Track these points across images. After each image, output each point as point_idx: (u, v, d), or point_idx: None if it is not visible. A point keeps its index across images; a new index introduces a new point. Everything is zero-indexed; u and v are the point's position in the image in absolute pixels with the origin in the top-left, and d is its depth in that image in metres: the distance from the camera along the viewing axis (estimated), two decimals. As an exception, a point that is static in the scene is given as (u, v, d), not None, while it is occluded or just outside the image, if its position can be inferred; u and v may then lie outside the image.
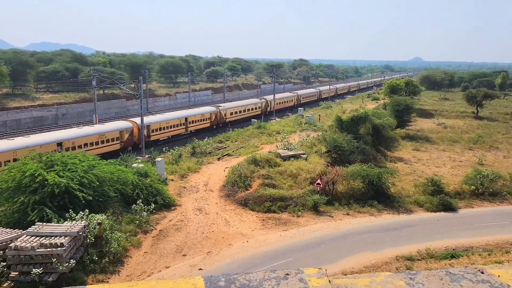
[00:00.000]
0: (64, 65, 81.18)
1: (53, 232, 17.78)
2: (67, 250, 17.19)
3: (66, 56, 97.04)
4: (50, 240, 17.18)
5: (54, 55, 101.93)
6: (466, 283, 2.65)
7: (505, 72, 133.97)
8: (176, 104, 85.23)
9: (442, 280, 2.66)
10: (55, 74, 75.38)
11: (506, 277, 2.74)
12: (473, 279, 2.70)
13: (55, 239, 17.32)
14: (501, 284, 2.64)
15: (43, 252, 16.76)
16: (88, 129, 41.66)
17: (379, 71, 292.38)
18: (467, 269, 2.86)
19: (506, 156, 46.62)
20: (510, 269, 2.87)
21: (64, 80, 73.12)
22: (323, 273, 2.55)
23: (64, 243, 17.02)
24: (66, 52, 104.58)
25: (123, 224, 22.80)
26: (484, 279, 2.71)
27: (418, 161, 43.26)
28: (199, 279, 2.48)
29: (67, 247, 17.16)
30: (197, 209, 26.90)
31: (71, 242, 17.71)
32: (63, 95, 70.67)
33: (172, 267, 20.06)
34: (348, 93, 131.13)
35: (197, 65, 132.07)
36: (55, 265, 16.51)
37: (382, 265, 21.34)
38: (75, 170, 22.90)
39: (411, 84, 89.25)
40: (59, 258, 16.72)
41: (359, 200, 30.16)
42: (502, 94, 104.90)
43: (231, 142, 48.01)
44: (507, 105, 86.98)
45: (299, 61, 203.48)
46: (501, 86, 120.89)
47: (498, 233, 25.95)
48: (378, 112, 53.81)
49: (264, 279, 2.44)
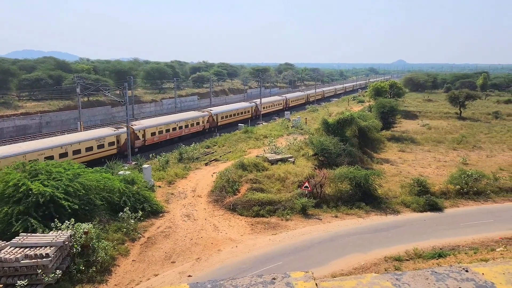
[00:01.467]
0: (47, 72, 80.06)
1: (38, 243, 17.46)
2: (53, 261, 16.89)
3: (49, 63, 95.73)
4: (35, 251, 16.87)
5: (37, 62, 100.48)
6: (451, 282, 2.68)
7: (485, 73, 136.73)
8: (162, 110, 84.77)
9: (428, 280, 2.69)
10: (38, 82, 74.28)
11: (490, 275, 2.78)
12: (458, 278, 2.73)
13: (40, 249, 17.01)
14: (485, 281, 2.68)
15: (28, 264, 16.45)
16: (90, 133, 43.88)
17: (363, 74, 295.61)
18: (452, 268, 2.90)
19: (489, 155, 47.42)
20: (494, 267, 2.91)
21: (48, 88, 72.12)
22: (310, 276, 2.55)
23: (50, 253, 16.73)
24: (49, 60, 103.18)
25: (110, 233, 22.51)
26: (468, 277, 2.74)
27: (404, 162, 43.72)
28: (185, 286, 2.46)
29: (53, 257, 16.87)
30: (185, 215, 26.72)
31: (57, 252, 17.42)
32: (46, 103, 69.69)
33: (161, 274, 19.85)
34: (335, 95, 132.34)
35: (182, 71, 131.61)
36: (41, 276, 16.22)
37: (371, 266, 21.45)
38: (60, 179, 22.57)
39: (395, 86, 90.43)
40: (44, 269, 16.42)
41: (347, 202, 30.33)
42: (484, 95, 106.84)
43: (219, 147, 47.90)
44: (488, 105, 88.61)
45: (284, 65, 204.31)
46: (482, 87, 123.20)
47: (483, 232, 26.33)
48: (364, 115, 54.32)
49: (251, 284, 2.44)
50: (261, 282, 2.45)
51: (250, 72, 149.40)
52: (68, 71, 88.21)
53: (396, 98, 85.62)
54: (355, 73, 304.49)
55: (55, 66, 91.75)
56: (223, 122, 65.48)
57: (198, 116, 59.81)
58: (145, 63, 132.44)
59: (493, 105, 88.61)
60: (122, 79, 79.04)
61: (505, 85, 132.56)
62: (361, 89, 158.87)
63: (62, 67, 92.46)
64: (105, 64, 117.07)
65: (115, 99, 55.34)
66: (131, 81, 74.94)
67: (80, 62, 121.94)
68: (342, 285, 2.52)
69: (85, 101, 71.96)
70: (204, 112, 62.03)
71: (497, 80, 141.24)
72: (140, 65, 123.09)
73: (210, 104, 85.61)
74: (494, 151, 49.46)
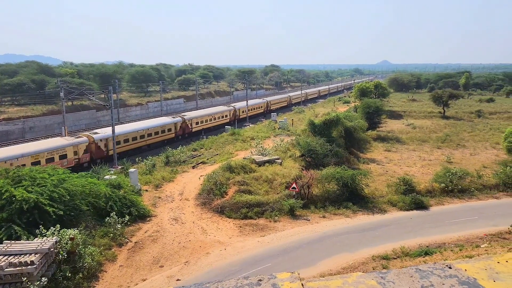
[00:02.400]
0: (30, 77, 78.82)
1: (22, 250, 17.14)
2: (38, 268, 16.61)
3: (32, 67, 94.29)
4: (19, 259, 16.56)
5: (19, 67, 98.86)
6: (435, 278, 2.72)
7: (468, 73, 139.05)
8: (148, 113, 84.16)
9: (412, 278, 2.73)
10: (20, 86, 73.08)
11: (472, 271, 2.83)
12: (442, 275, 2.77)
13: (25, 257, 16.71)
14: (468, 277, 2.73)
15: (12, 272, 16.14)
16: None
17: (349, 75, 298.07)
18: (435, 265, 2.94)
19: (472, 153, 48.22)
20: (476, 263, 2.97)
21: (30, 92, 70.99)
22: (296, 277, 2.56)
23: (35, 260, 16.45)
24: (32, 64, 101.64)
25: (96, 238, 22.24)
26: (452, 274, 2.79)
27: (389, 162, 44.18)
28: (171, 290, 2.45)
29: (38, 264, 16.59)
30: (173, 219, 26.55)
31: (42, 259, 17.13)
32: (29, 107, 68.56)
33: (149, 279, 19.68)
34: (319, 97, 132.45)
35: (168, 74, 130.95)
36: (26, 284, 15.93)
37: (359, 265, 21.60)
38: (44, 185, 22.22)
39: (380, 86, 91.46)
40: (29, 276, 16.13)
41: (334, 202, 30.52)
42: (466, 94, 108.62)
43: (206, 149, 47.74)
44: (471, 104, 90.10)
45: (270, 67, 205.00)
46: (465, 86, 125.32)
47: (468, 229, 26.76)
48: (350, 115, 54.76)
49: (237, 286, 2.43)
50: (247, 284, 2.46)
51: (236, 74, 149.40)
52: (52, 75, 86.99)
53: (381, 98, 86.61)
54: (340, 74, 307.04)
55: (38, 70, 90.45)
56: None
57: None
58: (130, 66, 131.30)
59: (476, 104, 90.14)
60: (106, 82, 78.33)
61: (487, 84, 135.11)
62: (347, 90, 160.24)
63: (45, 71, 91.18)
64: (89, 67, 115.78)
65: (100, 103, 54.76)
66: (116, 84, 74.22)
67: (64, 66, 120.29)
68: (328, 285, 2.54)
69: (69, 105, 71.03)
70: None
71: (479, 79, 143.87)
72: (125, 68, 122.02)
73: (196, 107, 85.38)
74: (478, 149, 50.32)
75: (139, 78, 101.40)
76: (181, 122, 57.63)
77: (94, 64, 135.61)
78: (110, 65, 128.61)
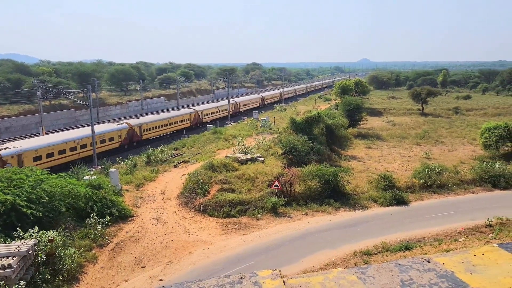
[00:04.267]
0: (5, 75, 76.85)
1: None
2: (16, 271, 16.22)
3: (7, 66, 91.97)
4: (-4, 262, 16.13)
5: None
6: (414, 272, 2.77)
7: (445, 70, 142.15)
8: (128, 112, 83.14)
9: (392, 272, 2.76)
10: (-5, 85, 71.24)
11: (450, 264, 2.89)
12: (420, 269, 2.82)
13: (2, 260, 16.30)
14: (445, 271, 2.78)
15: (-11, 275, 15.71)
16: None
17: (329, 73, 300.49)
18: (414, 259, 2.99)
19: (450, 149, 49.25)
20: (454, 256, 3.03)
21: (6, 91, 69.18)
22: (277, 274, 2.57)
23: (12, 264, 16.05)
24: (7, 62, 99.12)
25: (76, 240, 21.87)
26: (430, 267, 2.84)
27: (370, 158, 44.75)
28: (151, 290, 2.42)
29: (16, 267, 16.20)
30: (154, 219, 26.31)
31: (20, 262, 16.73)
32: (5, 107, 66.79)
33: (131, 280, 19.46)
34: (296, 96, 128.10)
35: (148, 72, 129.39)
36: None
37: (341, 261, 21.83)
38: (21, 186, 21.74)
39: (360, 84, 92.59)
40: (7, 280, 15.74)
41: (316, 199, 30.75)
42: (444, 91, 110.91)
43: (187, 148, 47.46)
44: (449, 101, 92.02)
45: (252, 65, 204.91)
46: (443, 83, 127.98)
47: (446, 223, 27.34)
48: (331, 113, 55.25)
49: (218, 285, 2.42)
50: (228, 282, 2.45)
51: (217, 73, 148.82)
52: (28, 74, 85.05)
53: (362, 96, 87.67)
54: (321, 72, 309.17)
55: (14, 69, 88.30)
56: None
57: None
58: (109, 65, 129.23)
59: (453, 101, 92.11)
60: (85, 81, 76.91)
61: (464, 82, 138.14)
62: (328, 88, 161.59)
63: (21, 70, 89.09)
64: (67, 66, 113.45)
65: (78, 102, 53.75)
66: (95, 83, 72.99)
67: (41, 65, 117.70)
68: (309, 281, 2.55)
69: (46, 105, 69.50)
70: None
71: (456, 76, 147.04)
72: (104, 67, 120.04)
73: (177, 106, 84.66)
74: (455, 145, 51.43)
75: (119, 77, 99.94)
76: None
77: (72, 62, 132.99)
78: (88, 63, 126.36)
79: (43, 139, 40.91)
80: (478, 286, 2.57)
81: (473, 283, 2.60)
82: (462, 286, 2.57)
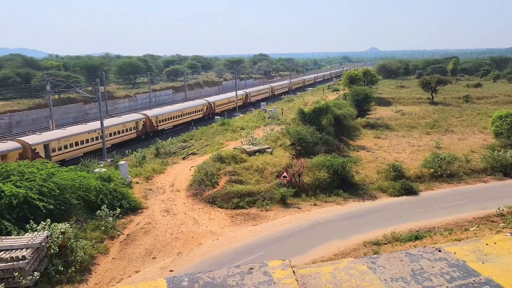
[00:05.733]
0: (15, 70, 77.53)
1: (13, 245, 17.02)
2: (30, 263, 16.52)
3: (17, 61, 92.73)
4: (10, 254, 16.45)
5: (3, 60, 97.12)
6: (425, 262, 2.75)
7: (455, 58, 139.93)
8: (136, 105, 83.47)
9: (402, 262, 2.75)
10: (5, 80, 71.87)
11: (461, 253, 2.87)
12: (431, 258, 2.80)
13: (16, 252, 16.60)
14: (457, 260, 2.76)
15: (4, 267, 16.04)
16: None
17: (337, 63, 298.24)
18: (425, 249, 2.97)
19: (460, 138, 48.78)
20: (465, 245, 3.00)
21: (16, 86, 69.87)
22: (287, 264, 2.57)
23: (26, 255, 16.35)
24: (16, 57, 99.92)
25: (88, 231, 22.13)
26: (441, 257, 2.82)
27: (379, 148, 44.50)
28: (162, 281, 2.44)
29: (30, 259, 16.49)
30: (164, 211, 26.51)
31: (34, 254, 17.03)
32: (15, 102, 67.53)
33: (142, 271, 19.69)
34: (302, 88, 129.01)
35: (156, 65, 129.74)
36: (18, 279, 15.84)
37: (350, 251, 21.86)
38: (33, 179, 22.02)
39: (368, 74, 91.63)
40: (21, 271, 16.05)
41: (325, 190, 30.71)
42: (454, 79, 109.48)
43: (196, 140, 47.60)
44: (459, 90, 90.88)
45: (259, 56, 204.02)
46: (453, 71, 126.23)
47: (457, 213, 27.18)
48: (339, 103, 54.93)
49: (228, 275, 2.43)
50: (238, 272, 2.45)
51: (224, 64, 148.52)
52: (37, 68, 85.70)
53: (370, 85, 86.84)
54: (329, 62, 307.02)
55: (23, 63, 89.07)
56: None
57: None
58: (116, 58, 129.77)
59: (464, 89, 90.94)
60: (93, 75, 77.34)
61: (474, 70, 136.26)
62: (336, 78, 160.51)
63: (30, 64, 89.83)
64: (75, 60, 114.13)
65: (87, 95, 54.11)
66: (103, 76, 73.37)
67: (49, 59, 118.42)
68: (319, 271, 2.54)
69: (56, 98, 70.10)
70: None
71: (466, 64, 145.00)
72: (112, 60, 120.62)
73: (185, 98, 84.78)
74: (466, 134, 50.92)
75: (127, 69, 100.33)
76: (207, 104, 69.15)
77: (80, 56, 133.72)
78: (96, 57, 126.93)
79: (68, 130, 43.60)
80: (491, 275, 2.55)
81: (485, 272, 2.58)
82: (474, 275, 2.55)
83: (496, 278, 2.53)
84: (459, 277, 2.55)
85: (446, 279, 2.53)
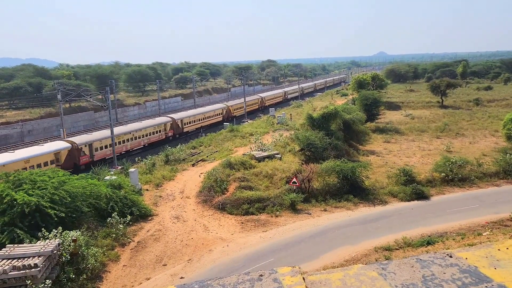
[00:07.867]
0: (27, 80, 78.72)
1: (25, 253, 17.16)
2: (42, 271, 16.64)
3: (28, 71, 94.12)
4: (23, 262, 16.58)
5: (15, 70, 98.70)
6: (436, 268, 2.73)
7: (465, 61, 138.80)
8: (146, 112, 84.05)
9: (413, 268, 2.73)
10: (17, 90, 73.02)
11: (473, 259, 2.84)
12: (442, 264, 2.78)
13: (28, 260, 16.73)
14: (468, 266, 2.73)
15: (16, 275, 16.16)
16: None
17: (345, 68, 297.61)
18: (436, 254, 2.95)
19: (471, 142, 48.25)
20: (477, 251, 2.97)
21: (28, 95, 70.89)
22: (297, 271, 2.56)
23: (38, 263, 16.47)
24: (28, 67, 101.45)
25: (99, 239, 22.26)
26: (452, 262, 2.80)
27: (389, 153, 44.20)
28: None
29: (42, 267, 16.61)
30: (174, 217, 26.57)
31: (46, 262, 17.16)
32: (27, 111, 68.53)
33: (152, 278, 19.73)
34: (314, 92, 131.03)
35: (165, 72, 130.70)
36: (30, 287, 15.96)
37: (361, 257, 21.66)
38: (45, 188, 22.23)
39: (377, 78, 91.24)
40: (33, 279, 16.16)
41: (335, 195, 30.55)
42: (464, 83, 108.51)
43: (205, 147, 47.72)
44: (469, 93, 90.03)
45: (267, 62, 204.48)
46: (462, 74, 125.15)
47: (469, 217, 26.83)
48: (348, 108, 54.74)
49: (238, 282, 2.44)
50: (248, 279, 2.46)
51: (233, 71, 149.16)
52: (48, 77, 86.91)
53: (379, 90, 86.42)
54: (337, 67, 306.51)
55: (34, 73, 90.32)
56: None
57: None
58: (126, 66, 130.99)
59: (474, 92, 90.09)
60: (103, 83, 78.12)
61: (485, 72, 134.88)
62: (344, 83, 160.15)
63: (41, 74, 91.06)
64: (85, 69, 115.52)
65: (97, 104, 54.68)
66: (113, 85, 73.92)
67: (60, 68, 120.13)
68: (329, 278, 2.54)
69: (66, 107, 70.95)
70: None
71: (476, 67, 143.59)
72: (121, 68, 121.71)
73: (194, 105, 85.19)
74: (477, 138, 50.36)
75: (136, 77, 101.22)
76: (226, 108, 73.81)
77: (91, 65, 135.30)
78: (106, 65, 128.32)
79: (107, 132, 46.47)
80: (503, 281, 2.52)
81: (497, 278, 2.55)
82: (486, 281, 2.53)
83: (509, 284, 2.50)
84: (471, 283, 2.52)
85: (457, 285, 2.51)
